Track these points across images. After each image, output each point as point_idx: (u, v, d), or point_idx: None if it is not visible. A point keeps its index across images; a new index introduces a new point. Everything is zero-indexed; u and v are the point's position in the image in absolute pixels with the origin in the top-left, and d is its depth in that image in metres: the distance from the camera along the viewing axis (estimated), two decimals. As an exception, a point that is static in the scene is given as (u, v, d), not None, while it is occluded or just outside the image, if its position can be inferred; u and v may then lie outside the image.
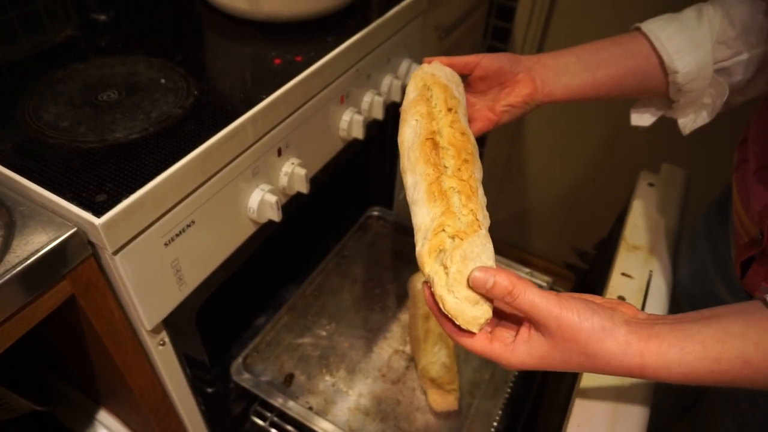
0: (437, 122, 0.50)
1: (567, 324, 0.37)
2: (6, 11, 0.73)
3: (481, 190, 0.46)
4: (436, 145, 0.48)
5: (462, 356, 0.88)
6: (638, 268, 0.67)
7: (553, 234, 1.76)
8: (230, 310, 0.91)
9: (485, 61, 0.59)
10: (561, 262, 1.61)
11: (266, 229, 0.69)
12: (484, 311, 0.40)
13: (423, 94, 0.54)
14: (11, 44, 0.67)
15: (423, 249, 0.42)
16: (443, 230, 0.42)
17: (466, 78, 0.62)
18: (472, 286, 0.39)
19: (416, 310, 0.90)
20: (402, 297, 0.98)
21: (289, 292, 0.98)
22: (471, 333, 0.40)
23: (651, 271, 0.67)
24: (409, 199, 0.47)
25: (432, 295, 0.41)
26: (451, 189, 0.44)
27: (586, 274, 0.96)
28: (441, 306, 0.40)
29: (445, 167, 0.47)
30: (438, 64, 0.59)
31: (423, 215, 0.44)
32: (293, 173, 0.67)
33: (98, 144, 0.52)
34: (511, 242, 1.85)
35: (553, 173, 1.63)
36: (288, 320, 0.92)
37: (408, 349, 0.90)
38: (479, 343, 0.40)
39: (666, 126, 0.66)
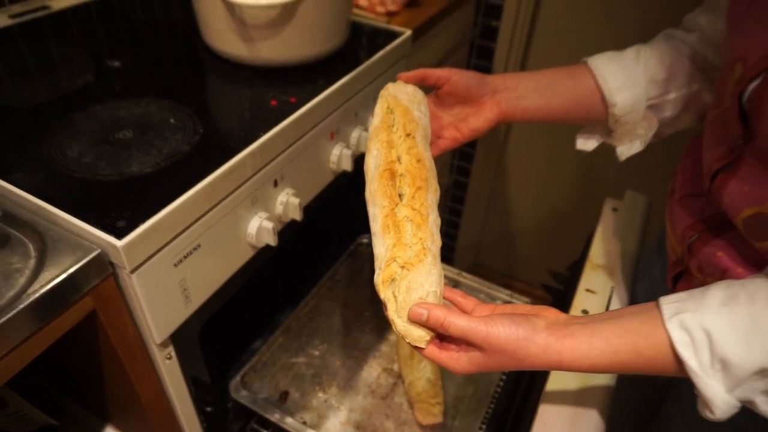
0: (396, 150, 0.57)
1: (495, 340, 0.44)
2: (26, 59, 0.81)
3: (433, 215, 0.53)
4: (393, 175, 0.55)
5: (446, 372, 0.94)
6: (601, 285, 0.75)
7: (533, 258, 1.84)
8: (229, 332, 0.96)
9: (455, 79, 0.65)
10: (539, 284, 1.71)
11: (264, 254, 0.75)
12: (427, 331, 0.47)
13: (385, 120, 0.61)
14: (35, 89, 0.74)
15: (378, 278, 0.49)
16: (395, 261, 0.49)
17: (436, 90, 0.68)
18: (411, 319, 0.46)
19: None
20: (390, 318, 1.03)
21: (285, 316, 1.04)
22: (421, 347, 0.47)
23: (612, 287, 0.74)
24: (371, 229, 0.54)
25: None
26: (405, 218, 0.51)
27: (562, 294, 1.03)
28: (393, 327, 0.48)
29: (401, 195, 0.53)
30: (401, 83, 0.66)
31: (379, 246, 0.51)
32: (288, 202, 0.74)
33: (117, 177, 0.59)
34: (494, 268, 1.93)
35: (533, 203, 1.72)
36: (283, 341, 0.98)
37: (395, 367, 0.96)
38: (430, 353, 0.47)
39: (633, 158, 0.73)
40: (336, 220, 1.13)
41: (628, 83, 0.61)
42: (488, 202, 1.77)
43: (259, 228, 0.70)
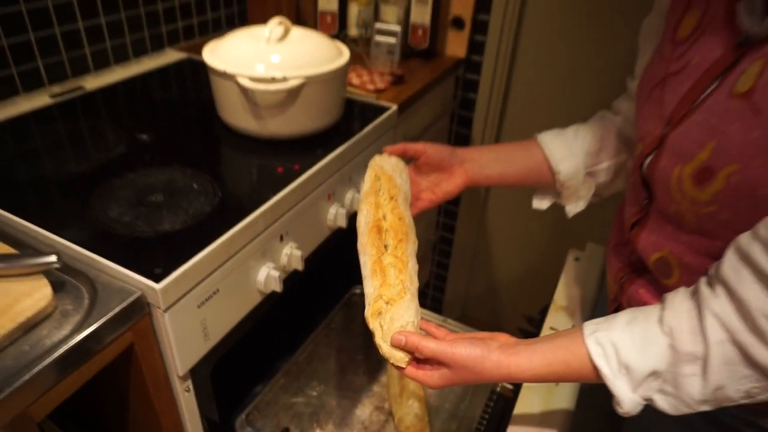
0: (382, 209, 0.70)
1: (458, 358, 0.55)
2: (66, 133, 0.95)
3: (412, 262, 0.65)
4: (380, 230, 0.67)
5: (432, 409, 1.03)
6: (563, 324, 0.86)
7: (517, 307, 1.95)
8: (235, 375, 1.05)
9: (430, 152, 0.79)
10: (516, 329, 1.83)
11: (269, 300, 0.86)
12: (406, 354, 0.58)
13: (374, 185, 0.74)
14: (77, 160, 0.87)
15: (368, 312, 0.61)
16: (381, 298, 0.61)
17: (415, 160, 0.82)
18: (392, 344, 0.57)
19: (393, 371, 1.06)
20: (381, 362, 1.13)
21: (284, 361, 1.13)
22: (402, 367, 0.58)
23: (573, 325, 0.86)
24: (362, 273, 0.66)
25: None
26: (389, 264, 0.64)
27: (535, 336, 1.13)
28: (379, 351, 0.59)
29: (386, 246, 0.66)
30: (386, 156, 0.80)
31: (369, 287, 0.63)
32: (292, 254, 0.86)
33: (152, 234, 0.71)
34: (481, 319, 2.03)
35: (512, 257, 1.85)
36: (284, 383, 1.07)
37: (386, 405, 1.05)
38: (409, 372, 0.58)
39: (596, 215, 0.85)
40: (332, 270, 1.24)
41: (569, 155, 0.75)
42: (473, 256, 1.90)
43: (267, 276, 0.81)
